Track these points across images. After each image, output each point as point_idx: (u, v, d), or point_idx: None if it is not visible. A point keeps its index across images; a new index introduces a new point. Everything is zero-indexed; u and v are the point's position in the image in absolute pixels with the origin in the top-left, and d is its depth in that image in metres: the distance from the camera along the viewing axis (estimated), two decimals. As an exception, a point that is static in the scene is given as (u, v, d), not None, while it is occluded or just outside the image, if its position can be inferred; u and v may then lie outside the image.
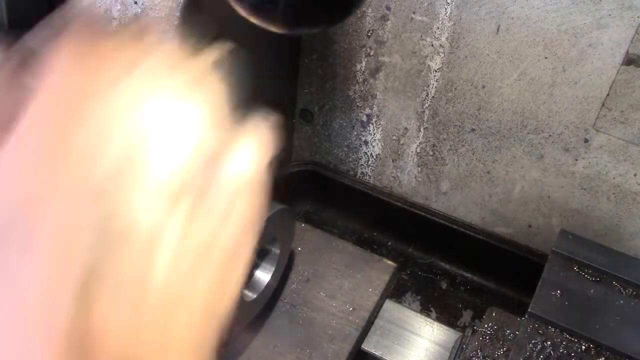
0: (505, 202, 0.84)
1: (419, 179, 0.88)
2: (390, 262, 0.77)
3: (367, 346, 0.73)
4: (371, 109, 0.86)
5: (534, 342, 0.59)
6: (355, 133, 0.89)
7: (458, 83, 0.77)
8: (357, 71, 0.83)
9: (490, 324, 0.65)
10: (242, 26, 0.48)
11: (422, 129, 0.83)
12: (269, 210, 0.60)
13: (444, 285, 0.90)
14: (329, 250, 0.79)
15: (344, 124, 0.89)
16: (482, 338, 0.65)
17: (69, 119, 0.34)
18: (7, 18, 0.57)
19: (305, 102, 0.90)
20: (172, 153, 0.35)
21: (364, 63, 0.82)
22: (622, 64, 0.66)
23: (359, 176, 0.93)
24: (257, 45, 0.75)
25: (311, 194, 0.97)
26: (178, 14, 0.57)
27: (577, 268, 0.65)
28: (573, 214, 0.80)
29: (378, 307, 0.75)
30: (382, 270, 0.76)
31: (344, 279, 0.76)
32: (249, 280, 0.66)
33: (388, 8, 0.76)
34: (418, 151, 0.86)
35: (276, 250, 0.67)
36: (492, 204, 0.85)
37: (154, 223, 0.34)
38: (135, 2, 0.58)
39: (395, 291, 0.86)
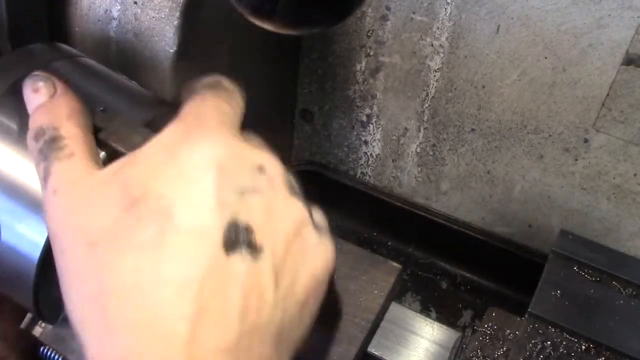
0: (505, 202, 0.84)
1: (419, 179, 0.88)
2: (395, 264, 0.77)
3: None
4: (371, 109, 0.86)
5: (534, 342, 0.59)
6: (355, 133, 0.89)
7: (458, 83, 0.77)
8: (357, 71, 0.83)
9: (490, 324, 0.65)
10: (242, 26, 0.48)
11: (422, 129, 0.83)
12: None
13: (444, 285, 0.90)
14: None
15: (344, 124, 0.89)
16: (482, 338, 0.64)
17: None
18: (7, 18, 0.57)
19: (305, 102, 0.90)
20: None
21: (364, 63, 0.82)
22: (622, 64, 0.66)
23: (359, 176, 0.93)
24: (257, 45, 0.75)
25: (311, 194, 0.97)
26: (178, 14, 0.57)
27: (577, 268, 0.65)
28: (573, 214, 0.80)
29: (384, 309, 0.74)
30: (387, 271, 0.76)
31: (349, 280, 0.75)
32: None
33: (388, 8, 0.76)
34: (418, 151, 0.86)
35: None
36: (492, 204, 0.85)
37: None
38: (135, 2, 0.58)
39: (395, 291, 0.86)
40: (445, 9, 0.72)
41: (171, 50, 0.58)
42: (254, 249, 0.42)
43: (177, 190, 0.42)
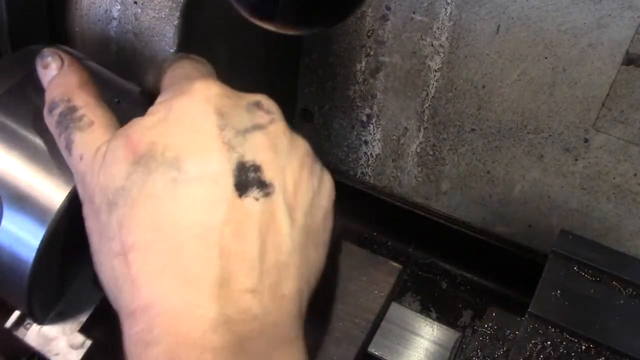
0: (505, 202, 0.84)
1: (419, 179, 0.88)
2: (395, 264, 0.77)
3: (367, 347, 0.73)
4: (371, 109, 0.86)
5: (534, 342, 0.59)
6: (355, 133, 0.89)
7: (458, 83, 0.77)
8: (357, 71, 0.83)
9: (490, 324, 0.65)
10: (242, 26, 0.48)
11: (422, 129, 0.83)
12: None
13: (444, 285, 0.90)
14: (333, 252, 0.78)
15: (344, 124, 0.89)
16: (482, 338, 0.65)
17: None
18: (7, 18, 0.57)
19: (305, 102, 0.90)
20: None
21: (364, 63, 0.82)
22: (622, 64, 0.66)
23: (359, 176, 0.93)
24: (257, 45, 0.75)
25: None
26: (178, 14, 0.57)
27: (577, 268, 0.64)
28: (573, 214, 0.80)
29: (384, 309, 0.74)
30: (387, 272, 0.76)
31: (349, 281, 0.75)
32: None
33: (388, 8, 0.76)
34: (418, 151, 0.86)
35: None
36: (492, 204, 0.85)
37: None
38: (135, 2, 0.58)
39: (395, 291, 0.86)
40: (445, 9, 0.72)
41: (171, 50, 0.58)
42: (264, 186, 0.43)
43: (180, 138, 0.43)
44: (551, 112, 0.73)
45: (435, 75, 0.78)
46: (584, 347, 0.59)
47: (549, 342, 0.59)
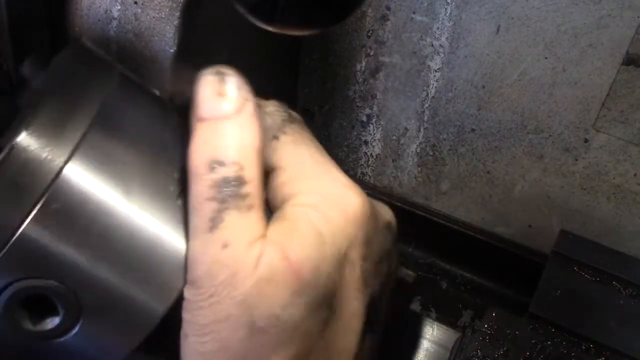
0: (505, 202, 0.84)
1: (419, 179, 0.88)
2: (410, 272, 0.77)
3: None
4: (371, 109, 0.86)
5: (534, 342, 0.59)
6: (355, 133, 0.89)
7: (458, 83, 0.77)
8: (357, 71, 0.83)
9: (490, 324, 0.65)
10: (242, 26, 0.48)
11: (422, 129, 0.83)
12: None
13: (444, 285, 0.90)
14: None
15: (344, 124, 0.89)
16: (482, 338, 0.64)
17: None
18: (7, 18, 0.57)
19: (305, 102, 0.90)
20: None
21: (364, 63, 0.82)
22: (622, 64, 0.66)
23: (359, 176, 0.93)
24: (257, 45, 0.75)
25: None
26: (178, 14, 0.57)
27: (577, 268, 0.65)
28: (573, 214, 0.80)
29: (400, 316, 0.74)
30: (401, 279, 0.76)
31: None
32: None
33: (388, 8, 0.76)
34: (418, 151, 0.86)
35: None
36: (492, 204, 0.85)
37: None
38: (135, 2, 0.58)
39: (395, 291, 0.86)
40: (445, 9, 0.72)
41: (171, 50, 0.58)
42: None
43: (335, 269, 0.41)
44: (551, 112, 0.73)
45: (435, 75, 0.78)
46: (584, 347, 0.59)
47: (549, 342, 0.59)
